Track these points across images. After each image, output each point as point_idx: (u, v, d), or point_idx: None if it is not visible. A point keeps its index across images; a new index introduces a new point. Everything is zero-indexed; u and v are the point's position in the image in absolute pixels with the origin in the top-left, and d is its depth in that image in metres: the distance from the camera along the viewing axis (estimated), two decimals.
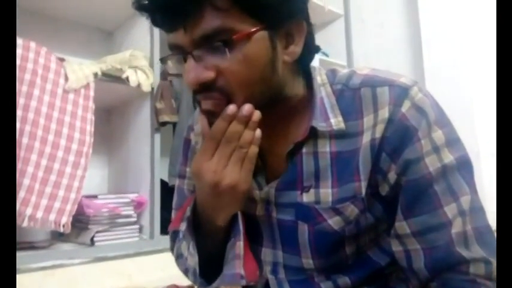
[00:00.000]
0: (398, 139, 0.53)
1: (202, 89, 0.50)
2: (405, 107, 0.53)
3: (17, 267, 1.14)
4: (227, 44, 0.47)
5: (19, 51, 1.14)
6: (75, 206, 1.23)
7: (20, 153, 1.12)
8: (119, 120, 1.73)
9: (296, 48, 0.54)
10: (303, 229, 0.58)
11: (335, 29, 2.30)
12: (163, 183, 1.57)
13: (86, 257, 1.32)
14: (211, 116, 0.53)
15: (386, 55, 2.11)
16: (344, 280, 0.59)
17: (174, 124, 1.62)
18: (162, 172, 1.60)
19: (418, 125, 0.52)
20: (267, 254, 0.63)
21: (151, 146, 1.50)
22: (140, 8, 0.50)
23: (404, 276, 0.57)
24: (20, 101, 1.13)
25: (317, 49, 0.62)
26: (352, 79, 0.58)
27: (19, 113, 1.12)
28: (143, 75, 1.49)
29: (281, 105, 0.57)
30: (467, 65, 1.71)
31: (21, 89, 1.13)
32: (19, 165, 1.11)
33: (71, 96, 1.25)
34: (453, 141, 0.54)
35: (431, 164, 0.52)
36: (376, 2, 2.19)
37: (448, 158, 0.52)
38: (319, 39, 2.44)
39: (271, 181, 0.61)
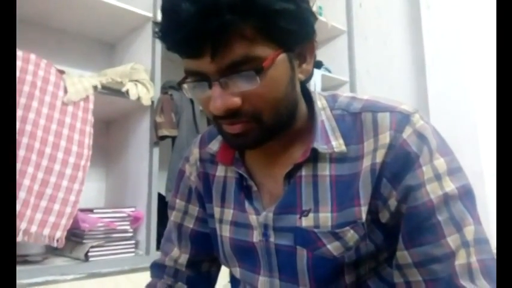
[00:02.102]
0: (399, 165, 0.52)
1: (228, 115, 0.50)
2: (406, 133, 0.52)
3: None
4: (256, 71, 0.48)
5: (19, 63, 1.14)
6: (71, 221, 1.21)
7: (17, 166, 1.10)
8: (118, 133, 1.72)
9: (308, 67, 0.57)
10: (302, 254, 0.57)
11: (338, 45, 2.30)
12: (160, 198, 1.55)
13: (79, 272, 1.29)
14: (238, 139, 0.53)
15: (389, 72, 2.10)
16: None
17: (174, 138, 1.61)
18: (160, 186, 1.58)
19: (419, 151, 0.52)
20: (263, 283, 0.61)
21: (149, 160, 1.49)
22: (165, 37, 0.50)
23: None
24: (18, 113, 1.12)
25: (319, 64, 0.63)
26: (352, 104, 0.58)
27: (17, 125, 1.11)
28: (143, 89, 1.48)
29: (289, 126, 0.58)
30: (471, 84, 1.70)
31: (20, 101, 1.12)
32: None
33: (70, 108, 1.24)
34: (455, 170, 0.52)
35: (433, 191, 0.50)
36: (380, 19, 2.19)
37: (450, 186, 0.51)
38: (322, 55, 2.45)
39: (269, 205, 0.60)
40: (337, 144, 0.56)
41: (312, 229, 0.56)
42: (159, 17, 0.51)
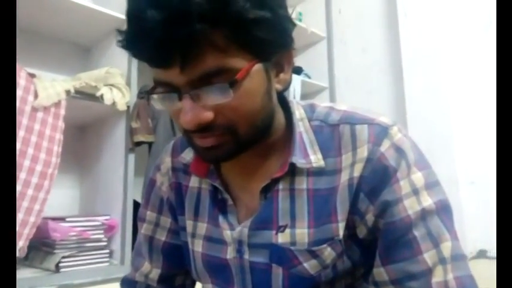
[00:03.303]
0: (376, 179, 0.51)
1: (200, 129, 0.47)
2: (384, 146, 0.51)
3: None
4: (230, 83, 0.45)
5: None
6: (34, 230, 1.16)
7: None
8: (92, 139, 1.68)
9: (286, 76, 0.54)
10: (277, 273, 0.55)
11: (317, 51, 2.30)
12: (136, 205, 1.51)
13: (50, 284, 1.24)
14: (210, 152, 0.50)
15: (368, 79, 2.12)
16: None
17: (150, 144, 1.58)
18: (136, 193, 1.54)
19: (397, 165, 0.51)
20: None
21: (125, 166, 1.45)
22: (130, 46, 0.46)
23: None
24: None
25: (299, 70, 0.61)
26: (330, 115, 0.57)
27: None
28: (119, 94, 1.44)
29: (265, 138, 0.55)
30: (448, 91, 1.73)
31: None
32: None
33: (40, 114, 1.19)
34: (432, 184, 0.52)
35: (410, 206, 0.49)
36: (359, 26, 2.21)
37: (427, 201, 0.50)
38: (302, 60, 2.45)
39: (244, 220, 0.58)
40: (316, 159, 0.54)
41: (288, 246, 0.54)
42: None
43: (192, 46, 0.43)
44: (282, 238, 0.54)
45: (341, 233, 0.52)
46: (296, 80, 2.02)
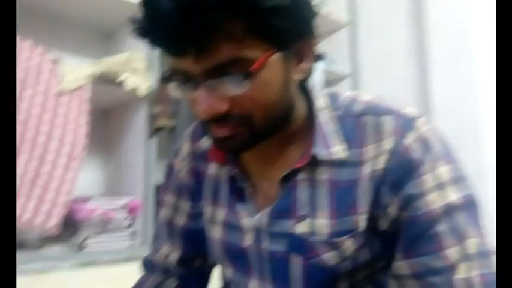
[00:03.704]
0: (400, 172, 0.50)
1: (216, 119, 0.47)
2: (410, 139, 0.50)
3: None
4: (246, 74, 0.44)
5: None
6: (64, 210, 1.21)
7: None
8: (115, 122, 1.71)
9: (306, 65, 0.53)
10: (295, 262, 0.55)
11: (340, 37, 2.26)
12: (159, 187, 1.55)
13: (74, 261, 1.30)
14: (226, 142, 0.50)
15: (392, 66, 2.06)
16: None
17: (172, 127, 1.60)
18: (159, 175, 1.57)
19: (422, 158, 0.49)
20: (254, 287, 0.59)
21: (146, 149, 1.48)
22: (145, 34, 0.46)
23: None
24: None
25: (322, 57, 0.60)
26: (353, 105, 0.55)
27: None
28: (141, 79, 1.46)
29: (284, 128, 0.55)
30: (476, 79, 1.67)
31: None
32: None
33: (65, 98, 1.22)
34: (459, 179, 0.50)
35: (434, 201, 0.48)
36: (383, 11, 2.14)
37: (453, 196, 0.49)
38: (324, 47, 2.39)
39: (263, 208, 0.58)
40: (338, 150, 0.53)
41: (307, 237, 0.54)
42: None
43: (207, 36, 0.42)
44: (301, 228, 0.54)
45: (362, 225, 0.52)
46: (318, 67, 1.99)
